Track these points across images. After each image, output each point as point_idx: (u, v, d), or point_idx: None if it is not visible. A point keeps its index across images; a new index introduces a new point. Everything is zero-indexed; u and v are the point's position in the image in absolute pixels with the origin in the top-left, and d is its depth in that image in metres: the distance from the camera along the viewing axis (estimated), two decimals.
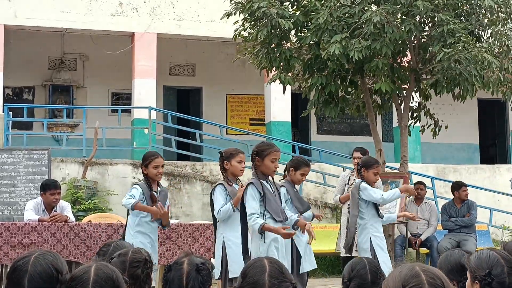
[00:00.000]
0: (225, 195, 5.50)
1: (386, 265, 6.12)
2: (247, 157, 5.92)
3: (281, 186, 5.80)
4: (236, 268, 5.25)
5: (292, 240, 6.11)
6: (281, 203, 5.42)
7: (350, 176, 8.25)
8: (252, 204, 5.16)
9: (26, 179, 11.04)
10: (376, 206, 6.55)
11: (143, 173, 6.15)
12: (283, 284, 2.61)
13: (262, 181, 5.27)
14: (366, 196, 6.46)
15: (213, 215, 5.61)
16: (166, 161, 13.26)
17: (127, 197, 5.99)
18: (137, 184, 6.17)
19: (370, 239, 6.42)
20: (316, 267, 6.43)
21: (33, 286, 2.55)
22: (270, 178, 5.43)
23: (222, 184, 5.57)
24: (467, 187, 10.21)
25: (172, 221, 7.89)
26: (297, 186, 6.45)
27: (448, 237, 9.94)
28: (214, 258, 5.58)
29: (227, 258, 5.42)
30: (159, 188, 6.16)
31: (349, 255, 7.04)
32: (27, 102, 15.56)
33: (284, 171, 6.27)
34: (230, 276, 5.36)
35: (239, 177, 5.67)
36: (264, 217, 5.21)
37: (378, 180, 6.73)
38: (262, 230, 5.10)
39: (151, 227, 6.07)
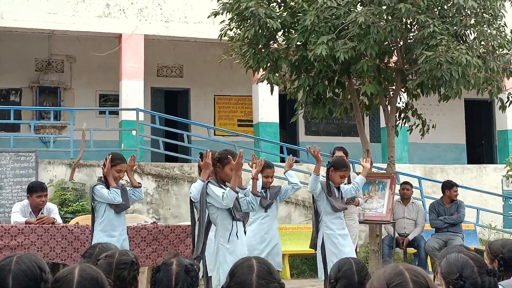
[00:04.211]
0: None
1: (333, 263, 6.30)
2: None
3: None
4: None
5: None
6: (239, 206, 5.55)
7: None
8: (219, 190, 5.29)
9: (13, 181, 10.99)
10: (330, 202, 6.78)
11: (103, 171, 6.26)
12: (271, 285, 2.62)
13: (221, 185, 5.41)
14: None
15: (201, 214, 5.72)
16: (154, 162, 13.39)
17: (113, 197, 6.03)
18: (99, 185, 6.20)
19: (323, 237, 6.72)
20: (281, 269, 6.65)
21: (17, 284, 2.55)
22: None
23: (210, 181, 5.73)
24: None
25: (159, 223, 7.93)
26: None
27: (435, 236, 9.97)
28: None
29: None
30: (114, 185, 6.30)
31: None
32: (14, 104, 15.48)
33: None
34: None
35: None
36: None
37: (344, 182, 6.99)
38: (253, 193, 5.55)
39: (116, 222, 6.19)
